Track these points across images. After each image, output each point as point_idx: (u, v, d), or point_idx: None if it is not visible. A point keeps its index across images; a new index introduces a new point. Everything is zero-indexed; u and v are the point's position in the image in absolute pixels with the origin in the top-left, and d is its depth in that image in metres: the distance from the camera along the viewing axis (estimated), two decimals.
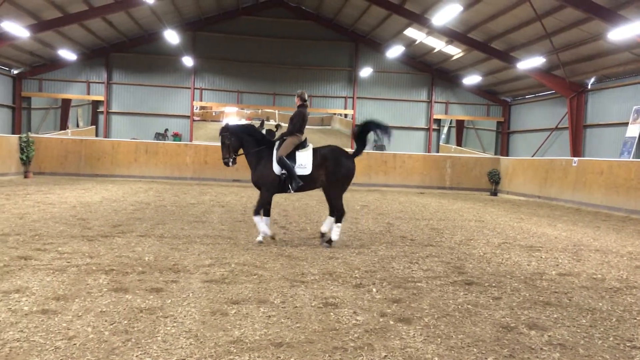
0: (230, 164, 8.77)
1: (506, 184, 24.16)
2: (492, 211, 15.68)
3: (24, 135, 22.33)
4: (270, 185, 8.52)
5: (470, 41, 22.09)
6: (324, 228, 8.73)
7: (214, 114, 43.70)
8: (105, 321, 4.43)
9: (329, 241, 8.54)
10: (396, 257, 7.79)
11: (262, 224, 8.45)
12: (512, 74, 23.91)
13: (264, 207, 8.63)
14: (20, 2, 18.45)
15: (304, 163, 8.50)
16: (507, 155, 27.38)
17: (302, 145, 8.66)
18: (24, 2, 18.59)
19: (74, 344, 3.91)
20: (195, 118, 27.69)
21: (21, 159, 21.80)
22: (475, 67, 25.00)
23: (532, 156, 24.05)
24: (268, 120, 42.57)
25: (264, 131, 31.04)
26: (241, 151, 8.81)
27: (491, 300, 5.63)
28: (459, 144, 32.10)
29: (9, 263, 6.28)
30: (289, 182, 8.44)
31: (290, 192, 8.60)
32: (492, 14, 19.16)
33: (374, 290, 5.86)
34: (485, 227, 11.75)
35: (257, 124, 35.12)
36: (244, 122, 35.61)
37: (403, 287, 6.05)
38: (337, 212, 8.57)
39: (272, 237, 8.57)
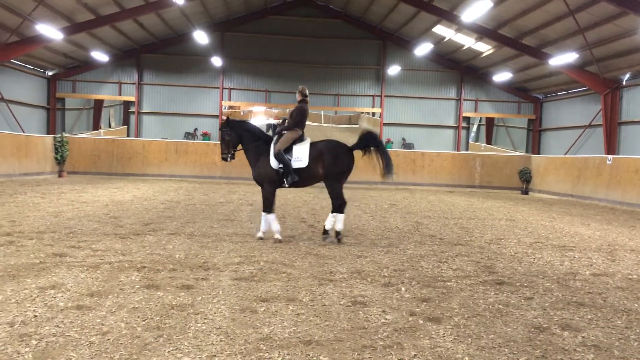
0: (229, 159, 8.95)
1: (538, 183, 23.73)
2: (524, 210, 15.42)
3: (59, 135, 22.91)
4: (270, 180, 8.64)
5: (500, 37, 21.74)
6: (327, 225, 8.74)
7: (242, 114, 43.95)
8: (138, 317, 4.51)
9: (337, 234, 8.59)
10: (425, 256, 7.73)
11: (264, 223, 8.61)
12: (544, 71, 23.44)
13: (270, 203, 8.69)
14: (54, 5, 18.90)
15: (300, 156, 8.60)
16: (539, 153, 26.87)
17: (299, 139, 8.76)
18: (57, 5, 19.04)
19: (108, 339, 3.99)
20: (224, 117, 27.94)
21: (56, 158, 22.37)
22: (505, 63, 24.59)
23: (565, 154, 23.56)
24: None
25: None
26: (240, 147, 8.97)
27: (523, 301, 5.54)
28: (488, 142, 31.65)
29: (45, 260, 6.44)
30: (285, 176, 8.56)
31: (285, 187, 8.72)
32: (523, 9, 18.82)
33: (403, 289, 5.83)
34: (516, 226, 11.57)
35: (279, 122, 35.22)
36: (271, 121, 35.75)
37: (432, 286, 6.00)
38: (337, 202, 8.61)
39: (260, 238, 8.63)
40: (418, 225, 11.22)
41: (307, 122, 9.09)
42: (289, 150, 8.61)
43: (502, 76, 25.44)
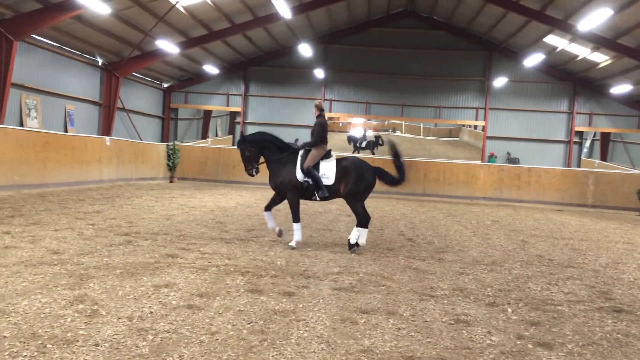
0: (254, 173, 9.01)
1: None
2: None
3: (171, 143, 24.45)
4: (294, 190, 8.65)
5: (620, 47, 20.23)
6: (352, 239, 8.55)
7: (340, 125, 44.46)
8: (244, 320, 4.66)
9: (357, 245, 8.49)
10: (532, 277, 7.33)
11: (299, 232, 8.63)
12: None
13: (297, 211, 8.70)
14: (172, 21, 20.27)
15: (327, 173, 8.60)
16: None
17: (326, 155, 8.73)
18: (175, 21, 20.40)
19: (216, 339, 4.16)
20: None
21: (168, 165, 23.87)
22: (625, 75, 22.86)
23: None
24: (394, 131, 42.44)
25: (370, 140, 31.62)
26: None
27: None
28: (603, 158, 29.57)
29: (159, 260, 6.87)
30: (316, 190, 8.55)
31: (316, 200, 8.70)
32: None
33: (510, 310, 5.55)
34: (636, 250, 10.65)
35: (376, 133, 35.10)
36: (370, 133, 35.83)
37: (542, 309, 5.66)
38: (361, 218, 8.47)
39: (279, 235, 8.94)
40: (524, 244, 10.67)
41: (407, 135, 9.04)
42: (316, 166, 8.65)
43: (620, 88, 23.66)
